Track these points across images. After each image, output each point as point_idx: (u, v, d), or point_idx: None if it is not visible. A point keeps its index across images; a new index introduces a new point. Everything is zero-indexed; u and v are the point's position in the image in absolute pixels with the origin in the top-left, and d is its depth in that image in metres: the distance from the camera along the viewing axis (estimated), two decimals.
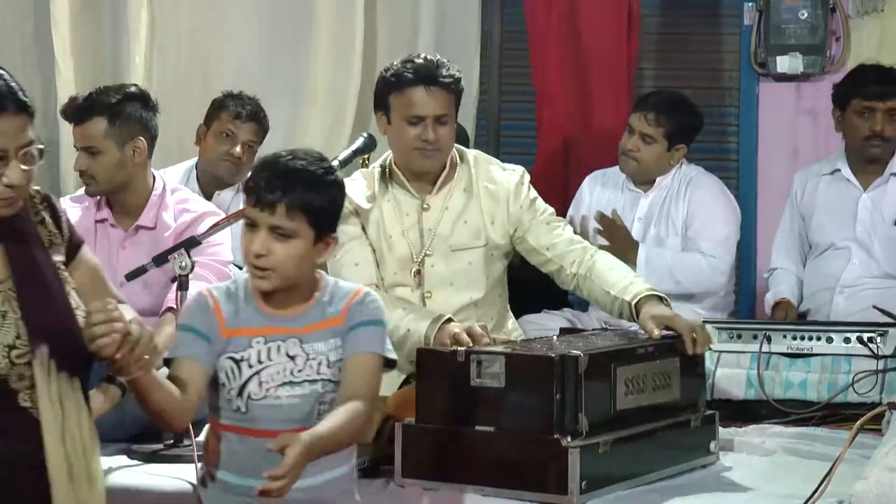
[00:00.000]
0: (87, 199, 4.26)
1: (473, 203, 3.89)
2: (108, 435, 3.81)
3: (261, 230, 2.69)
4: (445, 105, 3.80)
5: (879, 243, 4.88)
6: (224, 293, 2.77)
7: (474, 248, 3.88)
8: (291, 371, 2.71)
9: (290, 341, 2.73)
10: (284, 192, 2.67)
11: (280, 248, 2.69)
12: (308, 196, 2.69)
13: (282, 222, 2.68)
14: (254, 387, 2.71)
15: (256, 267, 2.70)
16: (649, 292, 3.66)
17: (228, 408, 2.74)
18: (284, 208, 2.67)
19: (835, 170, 5.00)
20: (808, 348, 4.22)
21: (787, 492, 3.25)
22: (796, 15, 5.61)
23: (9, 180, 2.57)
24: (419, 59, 3.82)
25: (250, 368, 2.72)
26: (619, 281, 3.72)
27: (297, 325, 2.74)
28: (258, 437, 2.69)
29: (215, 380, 2.74)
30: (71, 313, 2.66)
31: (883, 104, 4.83)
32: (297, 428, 2.63)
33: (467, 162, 3.94)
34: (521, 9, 5.84)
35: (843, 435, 3.45)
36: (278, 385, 2.71)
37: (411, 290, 3.86)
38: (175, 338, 2.82)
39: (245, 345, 2.72)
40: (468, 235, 3.88)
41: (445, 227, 3.88)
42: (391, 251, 3.87)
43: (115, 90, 4.21)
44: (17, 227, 2.66)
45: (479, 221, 3.88)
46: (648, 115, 5.00)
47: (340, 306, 2.76)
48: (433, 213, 3.89)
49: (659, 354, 3.47)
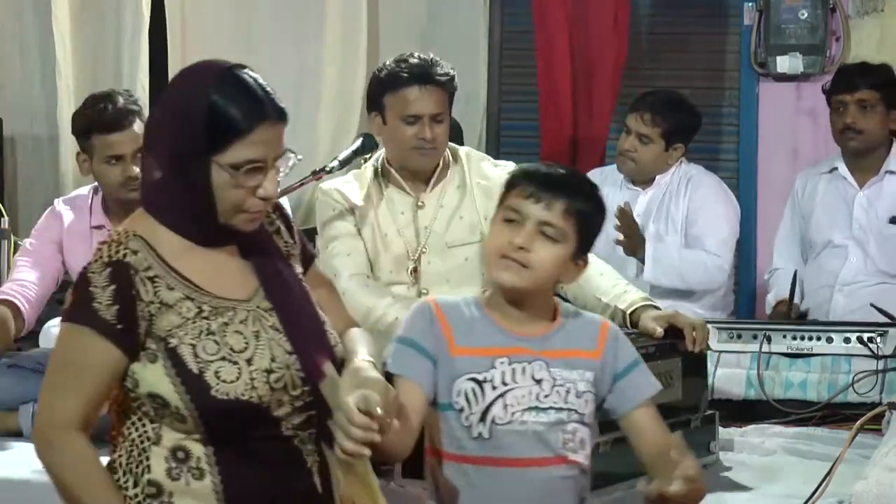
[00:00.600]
0: (80, 202, 4.22)
1: (468, 199, 3.90)
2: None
3: (527, 224, 2.52)
4: (441, 103, 3.81)
5: (875, 241, 4.88)
6: (453, 307, 2.59)
7: (470, 244, 3.88)
8: (537, 395, 2.53)
9: (536, 364, 2.54)
10: (567, 193, 2.54)
11: (544, 248, 2.52)
12: (587, 205, 2.56)
13: (556, 220, 2.52)
14: (498, 410, 2.51)
15: (512, 259, 2.51)
16: (644, 302, 3.65)
17: (467, 435, 2.52)
18: (562, 207, 2.53)
19: (832, 168, 5.01)
20: (808, 348, 4.22)
21: (787, 492, 3.25)
22: (796, 15, 5.61)
23: (265, 192, 2.41)
24: (413, 59, 3.82)
25: (494, 390, 2.52)
26: (610, 288, 3.71)
27: (542, 347, 2.55)
28: (503, 467, 2.51)
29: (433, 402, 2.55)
30: (325, 332, 2.50)
31: (851, 96, 4.85)
32: (543, 458, 2.51)
33: (460, 159, 3.95)
34: (521, 9, 5.84)
35: (843, 435, 3.45)
36: (524, 409, 2.52)
37: (407, 289, 3.86)
38: (395, 350, 2.59)
39: (487, 365, 2.53)
40: (464, 231, 3.88)
41: (441, 224, 3.88)
42: (387, 250, 3.87)
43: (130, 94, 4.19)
44: (258, 239, 2.50)
45: (475, 217, 3.89)
46: (645, 116, 5.00)
47: (593, 339, 2.60)
48: (428, 211, 3.89)
49: (661, 355, 3.47)
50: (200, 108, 2.37)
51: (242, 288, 2.46)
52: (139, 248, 2.41)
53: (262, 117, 2.38)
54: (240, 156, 2.37)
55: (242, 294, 2.45)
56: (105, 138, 4.04)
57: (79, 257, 4.18)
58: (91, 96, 4.17)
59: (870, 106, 4.84)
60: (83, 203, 4.22)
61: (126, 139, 4.03)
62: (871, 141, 4.89)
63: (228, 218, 2.42)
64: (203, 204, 2.40)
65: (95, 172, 4.10)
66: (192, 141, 2.37)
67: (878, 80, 4.88)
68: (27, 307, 4.08)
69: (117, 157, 4.04)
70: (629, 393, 2.60)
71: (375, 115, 3.88)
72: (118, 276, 2.37)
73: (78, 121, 4.15)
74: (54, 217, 4.22)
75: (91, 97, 4.16)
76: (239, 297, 2.44)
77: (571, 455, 2.56)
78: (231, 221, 2.43)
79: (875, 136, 4.88)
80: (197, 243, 2.44)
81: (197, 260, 2.43)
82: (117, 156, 4.03)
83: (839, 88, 4.89)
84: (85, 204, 4.22)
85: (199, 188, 2.39)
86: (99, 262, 2.40)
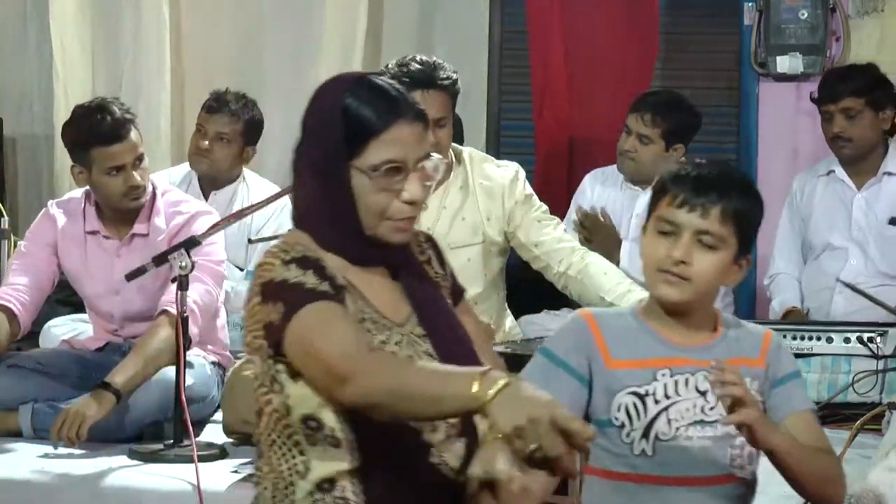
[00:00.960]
0: (74, 206, 4.21)
1: (470, 200, 3.90)
2: (109, 435, 3.84)
3: (683, 235, 2.42)
4: (444, 107, 3.81)
5: (875, 243, 4.87)
6: (608, 317, 2.50)
7: (472, 245, 3.89)
8: (702, 408, 2.42)
9: (699, 375, 2.43)
10: (721, 195, 2.42)
11: (703, 258, 2.42)
12: (743, 203, 2.44)
13: (713, 227, 2.41)
14: (662, 425, 2.40)
15: (673, 274, 2.42)
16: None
17: (629, 452, 2.42)
18: (719, 212, 2.42)
19: (829, 171, 5.00)
20: (808, 348, 4.21)
21: (788, 492, 3.24)
22: (796, 15, 5.61)
23: (409, 195, 2.33)
24: (415, 64, 3.81)
25: (657, 404, 2.42)
26: (614, 287, 3.72)
27: (704, 357, 2.43)
28: (668, 486, 2.41)
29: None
30: (477, 362, 2.34)
31: (836, 106, 4.81)
32: (711, 476, 2.42)
33: (462, 160, 3.95)
34: (521, 9, 5.84)
35: (843, 435, 3.45)
36: (689, 423, 2.42)
37: None
38: (539, 364, 2.50)
39: (649, 377, 2.42)
40: (466, 232, 3.88)
41: (443, 225, 3.88)
42: None
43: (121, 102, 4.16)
44: (409, 263, 2.43)
45: (477, 217, 3.89)
46: (645, 116, 5.00)
47: (756, 347, 2.51)
48: (431, 213, 3.89)
49: None
50: (336, 113, 2.32)
51: (396, 311, 2.38)
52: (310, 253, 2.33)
53: (397, 115, 2.34)
54: (377, 156, 2.32)
55: (396, 317, 2.37)
56: (105, 150, 4.02)
57: (74, 259, 4.18)
58: (81, 108, 4.13)
59: (856, 113, 4.81)
60: (76, 207, 4.22)
61: (126, 149, 4.03)
62: (863, 146, 4.87)
63: (374, 227, 2.34)
64: (348, 213, 2.33)
65: (95, 184, 4.08)
66: (332, 147, 2.33)
67: (860, 85, 4.82)
68: (22, 311, 4.08)
69: (118, 168, 4.03)
70: (781, 403, 2.51)
71: None
72: (308, 262, 2.30)
73: (72, 134, 4.11)
74: (48, 219, 4.22)
75: (81, 109, 4.11)
76: (394, 320, 2.37)
77: (740, 472, 2.47)
78: (378, 232, 2.35)
79: (866, 141, 4.86)
80: (350, 262, 2.36)
81: (354, 278, 2.36)
82: (118, 166, 4.03)
83: (823, 98, 4.87)
84: (78, 208, 4.21)
85: (342, 197, 2.32)
86: (279, 264, 2.30)
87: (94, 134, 4.02)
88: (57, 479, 3.53)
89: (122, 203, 4.08)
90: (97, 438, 3.76)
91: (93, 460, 3.67)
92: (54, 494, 3.49)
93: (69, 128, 4.14)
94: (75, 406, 3.74)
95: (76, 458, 3.69)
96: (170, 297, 3.88)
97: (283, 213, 5.20)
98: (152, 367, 3.86)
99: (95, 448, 3.77)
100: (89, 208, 4.19)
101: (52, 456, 3.71)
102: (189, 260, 3.69)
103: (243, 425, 3.82)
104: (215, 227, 3.90)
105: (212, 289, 4.07)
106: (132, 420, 3.89)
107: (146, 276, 3.84)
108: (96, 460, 3.67)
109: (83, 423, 3.68)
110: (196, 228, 4.02)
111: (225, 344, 4.36)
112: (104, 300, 4.19)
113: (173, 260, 3.70)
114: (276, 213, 5.13)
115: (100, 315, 4.25)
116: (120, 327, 4.21)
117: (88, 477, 3.53)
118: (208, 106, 5.10)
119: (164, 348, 3.86)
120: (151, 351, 3.86)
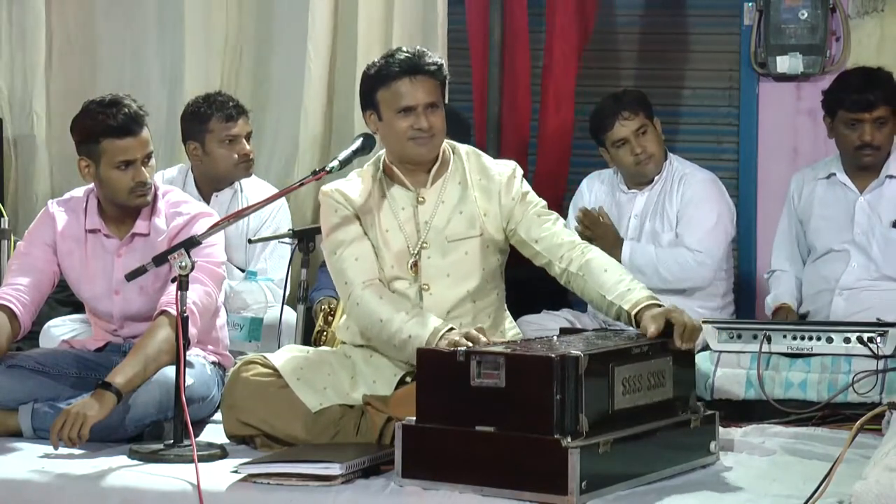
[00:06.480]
0: (75, 204, 4.21)
1: (468, 194, 3.91)
2: (109, 435, 3.84)
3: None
4: (433, 92, 3.85)
5: (877, 245, 4.86)
6: None
7: (470, 238, 3.89)
8: None
9: None
10: None
11: None
12: None
13: None
14: None
15: None
16: (648, 301, 3.65)
17: None
18: None
19: (830, 174, 4.98)
20: (808, 348, 4.22)
21: (787, 492, 3.25)
22: (796, 15, 5.61)
23: None
24: (400, 53, 3.86)
25: None
26: (615, 285, 3.71)
27: None
28: None
29: None
30: None
31: (870, 115, 4.79)
32: None
33: (460, 156, 3.96)
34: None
35: (843, 435, 3.46)
36: None
37: (409, 285, 3.86)
38: None
39: None
40: (464, 226, 3.89)
41: (441, 218, 3.89)
42: (388, 246, 3.88)
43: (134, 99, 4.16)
44: None
45: (475, 211, 3.90)
46: (626, 114, 5.00)
47: None
48: (428, 206, 3.90)
49: (653, 353, 3.48)
50: None
51: None
52: None
53: None
54: None
55: None
56: (117, 143, 4.03)
57: (74, 259, 4.18)
58: (94, 102, 4.12)
59: (885, 121, 4.80)
60: (77, 205, 4.21)
61: (137, 144, 4.04)
62: (885, 153, 4.87)
63: None
64: None
65: (102, 178, 4.08)
66: None
67: (889, 93, 4.82)
68: (22, 311, 4.08)
69: (128, 163, 4.04)
70: None
71: (371, 113, 3.91)
72: None
73: (83, 126, 4.10)
74: (47, 219, 4.21)
75: (94, 103, 4.11)
76: None
77: None
78: None
79: (888, 148, 4.87)
80: None
81: None
82: (129, 161, 4.04)
83: (854, 107, 4.81)
84: (79, 206, 4.21)
85: None
86: None
87: (107, 126, 4.03)
88: (57, 479, 3.53)
89: (128, 199, 4.09)
90: (97, 438, 3.76)
91: (93, 460, 3.67)
92: (54, 494, 3.49)
93: (81, 120, 4.13)
94: (76, 406, 3.74)
95: (76, 458, 3.69)
96: (169, 298, 3.88)
97: (281, 213, 5.21)
98: (152, 368, 3.86)
99: (95, 448, 3.77)
100: (91, 206, 4.19)
101: (52, 456, 3.71)
102: (189, 260, 3.69)
103: (243, 427, 3.83)
104: (215, 228, 3.90)
105: (211, 290, 4.07)
106: (132, 420, 3.89)
107: (146, 276, 3.84)
108: (96, 460, 3.67)
109: (84, 423, 3.68)
110: (196, 230, 4.02)
111: (225, 344, 4.36)
112: (104, 300, 4.19)
113: (173, 260, 3.70)
114: (273, 214, 5.14)
115: (99, 315, 4.25)
116: (120, 327, 4.21)
117: (88, 477, 3.52)
118: (227, 115, 5.09)
119: (165, 348, 3.86)
120: (151, 351, 3.86)
